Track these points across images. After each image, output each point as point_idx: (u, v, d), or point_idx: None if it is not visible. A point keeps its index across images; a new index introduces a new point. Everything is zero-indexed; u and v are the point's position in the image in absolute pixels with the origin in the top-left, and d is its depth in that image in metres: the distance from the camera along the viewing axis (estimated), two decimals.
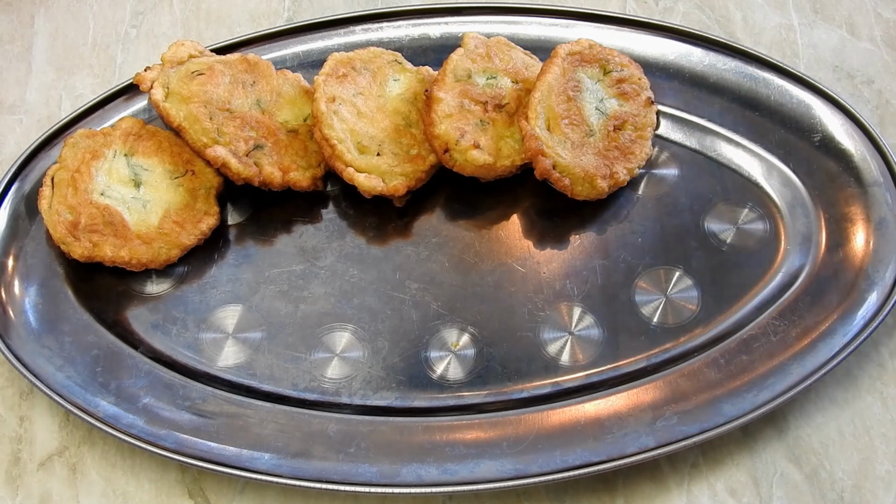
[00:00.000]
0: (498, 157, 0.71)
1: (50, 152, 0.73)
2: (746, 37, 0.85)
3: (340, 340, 0.67)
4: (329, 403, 0.64)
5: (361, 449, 0.61)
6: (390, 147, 0.72)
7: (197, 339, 0.67)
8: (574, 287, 0.69)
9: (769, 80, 0.77)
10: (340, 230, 0.73)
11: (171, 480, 0.62)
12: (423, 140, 0.72)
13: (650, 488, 0.61)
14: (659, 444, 0.60)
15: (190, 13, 0.89)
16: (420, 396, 0.64)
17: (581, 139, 0.71)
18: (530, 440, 0.61)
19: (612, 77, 0.73)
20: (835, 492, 0.61)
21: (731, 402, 0.62)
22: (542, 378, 0.65)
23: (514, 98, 0.73)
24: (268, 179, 0.71)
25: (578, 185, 0.71)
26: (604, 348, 0.66)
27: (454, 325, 0.67)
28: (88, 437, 0.64)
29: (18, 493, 0.62)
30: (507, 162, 0.71)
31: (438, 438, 0.61)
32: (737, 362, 0.64)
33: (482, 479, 0.59)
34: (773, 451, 0.63)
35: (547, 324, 0.67)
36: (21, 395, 0.66)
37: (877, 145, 0.72)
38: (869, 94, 0.81)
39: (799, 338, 0.64)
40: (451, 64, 0.73)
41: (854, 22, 0.86)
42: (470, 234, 0.72)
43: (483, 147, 0.71)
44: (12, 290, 0.67)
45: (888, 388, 0.65)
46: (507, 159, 0.71)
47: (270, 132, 0.72)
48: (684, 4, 0.89)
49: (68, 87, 0.83)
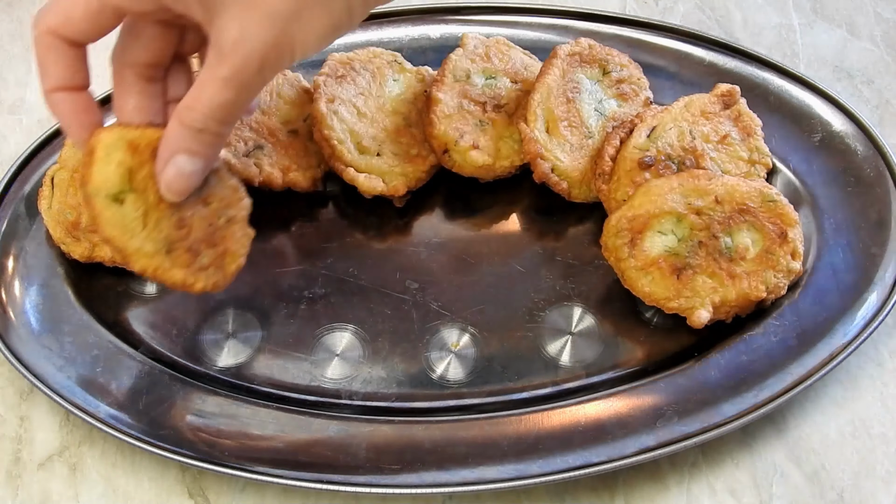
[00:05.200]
0: (497, 157, 0.71)
1: (50, 152, 0.73)
2: (746, 37, 0.86)
3: (340, 340, 0.67)
4: (329, 404, 0.64)
5: (361, 449, 0.61)
6: (390, 147, 0.72)
7: (197, 340, 0.67)
8: (574, 287, 0.69)
9: (769, 80, 0.77)
10: (340, 230, 0.73)
11: (171, 480, 0.62)
12: (423, 140, 0.72)
13: (650, 488, 0.61)
14: (659, 444, 0.60)
15: None
16: (420, 397, 0.64)
17: (580, 142, 0.71)
18: (530, 440, 0.61)
19: (611, 77, 0.74)
20: (835, 492, 0.61)
21: (730, 402, 0.62)
22: (542, 378, 0.65)
23: (513, 98, 0.73)
24: (268, 180, 0.71)
25: (576, 189, 0.71)
26: (604, 348, 0.66)
27: (454, 325, 0.67)
28: (88, 437, 0.64)
29: (18, 493, 0.62)
30: (507, 162, 0.71)
31: (438, 438, 0.61)
32: (737, 362, 0.64)
33: (482, 479, 0.59)
34: (773, 451, 0.63)
35: (547, 324, 0.67)
36: (21, 395, 0.66)
37: (877, 145, 0.72)
38: (869, 94, 0.81)
39: (799, 338, 0.64)
40: (450, 64, 0.73)
41: (854, 22, 0.86)
42: (470, 234, 0.72)
43: (482, 148, 0.71)
44: (12, 291, 0.67)
45: (888, 388, 0.65)
46: (507, 160, 0.71)
47: (270, 132, 0.72)
48: (684, 4, 0.89)
49: None
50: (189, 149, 0.53)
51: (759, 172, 0.70)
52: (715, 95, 0.72)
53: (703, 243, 0.64)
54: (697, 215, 0.64)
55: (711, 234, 0.64)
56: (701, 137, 0.69)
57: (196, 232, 0.60)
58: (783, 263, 0.65)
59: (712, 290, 0.64)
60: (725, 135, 0.70)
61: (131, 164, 0.56)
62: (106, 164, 0.56)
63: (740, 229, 0.65)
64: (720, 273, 0.64)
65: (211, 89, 0.50)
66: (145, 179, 0.56)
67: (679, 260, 0.64)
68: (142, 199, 0.57)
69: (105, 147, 0.56)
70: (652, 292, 0.64)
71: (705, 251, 0.64)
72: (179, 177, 0.54)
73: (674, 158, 0.68)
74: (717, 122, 0.70)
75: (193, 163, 0.54)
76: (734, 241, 0.65)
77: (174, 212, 0.58)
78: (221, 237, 0.61)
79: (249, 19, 0.49)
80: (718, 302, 0.64)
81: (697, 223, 0.64)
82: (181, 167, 0.54)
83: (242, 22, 0.49)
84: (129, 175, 0.56)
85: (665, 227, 0.65)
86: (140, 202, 0.57)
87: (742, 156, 0.70)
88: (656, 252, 0.64)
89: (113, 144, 0.56)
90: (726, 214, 0.65)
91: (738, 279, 0.64)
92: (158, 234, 0.58)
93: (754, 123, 0.71)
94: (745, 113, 0.71)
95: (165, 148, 0.54)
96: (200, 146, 0.53)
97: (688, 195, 0.65)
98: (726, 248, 0.64)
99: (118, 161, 0.56)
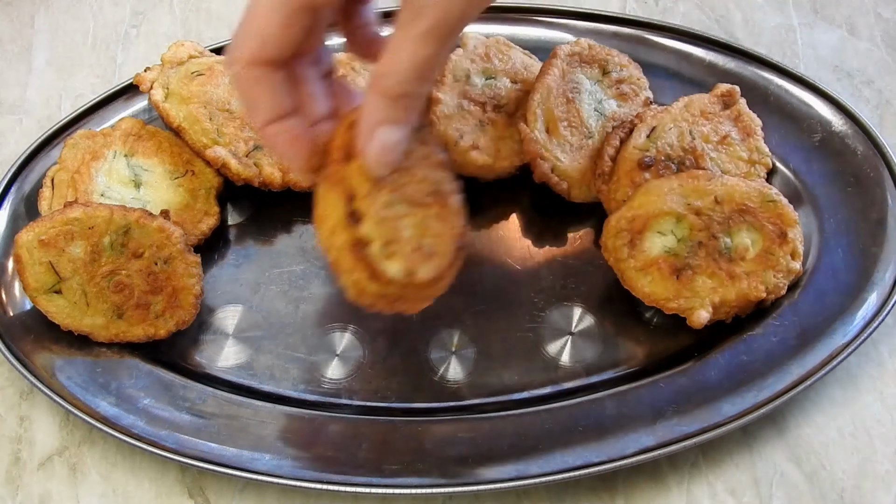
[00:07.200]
0: (497, 157, 0.71)
1: (50, 152, 0.73)
2: (746, 37, 0.85)
3: (340, 340, 0.67)
4: (329, 404, 0.64)
5: (361, 449, 0.61)
6: None
7: (197, 340, 0.67)
8: (574, 287, 0.69)
9: (769, 80, 0.77)
10: None
11: (171, 480, 0.62)
12: None
13: (650, 488, 0.61)
14: (659, 444, 0.60)
15: (190, 13, 0.89)
16: (420, 397, 0.64)
17: (580, 142, 0.71)
18: (530, 440, 0.61)
19: (611, 77, 0.73)
20: (835, 492, 0.61)
21: (731, 402, 0.62)
22: (542, 378, 0.65)
23: (513, 99, 0.73)
24: (268, 180, 0.71)
25: (576, 189, 0.71)
26: (604, 348, 0.66)
27: (454, 325, 0.67)
28: (88, 437, 0.64)
29: (18, 493, 0.62)
30: (507, 163, 0.71)
31: (438, 438, 0.61)
32: (737, 362, 0.64)
33: (482, 479, 0.59)
34: (773, 451, 0.63)
35: (547, 324, 0.67)
36: (21, 395, 0.66)
37: (877, 145, 0.72)
38: (869, 94, 0.81)
39: (799, 338, 0.64)
40: (450, 64, 0.73)
41: (854, 22, 0.86)
42: (470, 234, 0.72)
43: (482, 148, 0.71)
44: (12, 291, 0.67)
45: (888, 388, 0.65)
46: (506, 160, 0.71)
47: None
48: (684, 4, 0.89)
49: (68, 87, 0.83)
50: (390, 117, 0.49)
51: (758, 172, 0.70)
52: (715, 95, 0.72)
53: (703, 244, 0.64)
54: (697, 215, 0.64)
55: (711, 234, 0.64)
56: (701, 137, 0.69)
57: (138, 287, 0.64)
58: (783, 263, 0.65)
59: (712, 290, 0.64)
60: (725, 135, 0.70)
61: (50, 258, 0.62)
62: (32, 266, 0.62)
63: (740, 229, 0.65)
64: (720, 273, 0.64)
65: (409, 48, 0.46)
66: (68, 263, 0.63)
67: (679, 260, 0.64)
68: (75, 282, 0.63)
69: (27, 250, 0.62)
70: (652, 293, 0.64)
71: (705, 251, 0.64)
72: (386, 150, 0.50)
73: (674, 159, 0.68)
74: (717, 122, 0.70)
75: (398, 131, 0.49)
76: (734, 241, 0.65)
77: (109, 279, 0.63)
78: (165, 279, 0.65)
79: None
80: (718, 302, 0.64)
81: (697, 223, 0.64)
82: (385, 140, 0.49)
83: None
84: (53, 268, 0.62)
85: (665, 227, 0.64)
86: (75, 286, 0.63)
87: (742, 156, 0.70)
88: (656, 252, 0.64)
89: (31, 243, 0.62)
90: (726, 215, 0.65)
91: (737, 279, 0.64)
92: (104, 304, 0.64)
93: (754, 123, 0.71)
94: (745, 113, 0.71)
95: (367, 121, 0.49)
96: (403, 111, 0.49)
97: (687, 195, 0.65)
98: (726, 248, 0.64)
99: (39, 260, 0.62)
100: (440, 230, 0.55)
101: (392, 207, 0.52)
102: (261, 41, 0.48)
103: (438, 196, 0.55)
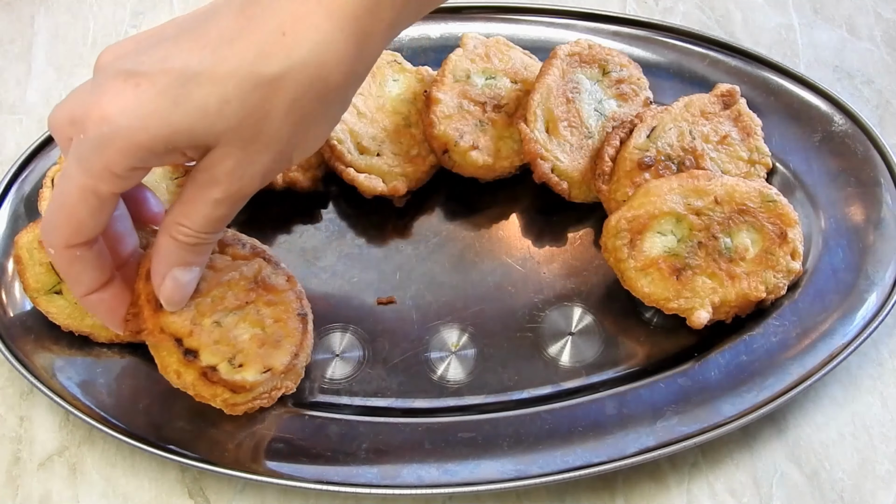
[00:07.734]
0: (497, 157, 0.71)
1: (50, 152, 0.73)
2: (746, 37, 0.85)
3: (340, 340, 0.67)
4: (329, 404, 0.64)
5: (361, 450, 0.61)
6: (390, 147, 0.72)
7: None
8: (574, 287, 0.69)
9: (769, 80, 0.77)
10: (340, 230, 0.73)
11: (171, 480, 0.62)
12: (423, 140, 0.72)
13: (650, 488, 0.61)
14: (659, 444, 0.60)
15: None
16: (420, 397, 0.64)
17: (580, 142, 0.71)
18: (530, 440, 0.61)
19: (611, 77, 0.73)
20: (835, 492, 0.61)
21: (730, 402, 0.62)
22: (542, 378, 0.65)
23: (513, 99, 0.73)
24: None
25: (576, 189, 0.71)
26: (604, 349, 0.66)
27: (454, 325, 0.67)
28: (88, 437, 0.64)
29: (18, 493, 0.62)
30: (506, 163, 0.71)
31: (439, 439, 0.61)
32: (737, 362, 0.64)
33: (482, 479, 0.59)
34: (773, 451, 0.63)
35: (547, 324, 0.67)
36: (21, 395, 0.66)
37: (877, 145, 0.72)
38: (869, 94, 0.81)
39: (799, 338, 0.64)
40: (449, 64, 0.73)
41: (854, 22, 0.86)
42: (470, 234, 0.72)
43: (482, 148, 0.71)
44: (12, 291, 0.67)
45: (888, 388, 0.65)
46: (506, 160, 0.71)
47: None
48: (684, 4, 0.89)
49: (68, 87, 0.83)
50: (184, 261, 0.55)
51: (758, 172, 0.70)
52: (715, 95, 0.72)
53: (703, 244, 0.64)
54: (697, 216, 0.64)
55: (711, 234, 0.64)
56: (701, 137, 0.69)
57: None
58: (783, 263, 0.65)
59: (712, 290, 0.64)
60: (725, 135, 0.70)
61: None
62: (33, 267, 0.63)
63: (740, 230, 0.65)
64: (720, 273, 0.64)
65: (204, 208, 0.51)
66: None
67: (679, 260, 0.64)
68: None
69: (27, 250, 0.63)
70: (651, 293, 0.64)
71: (705, 252, 0.64)
72: (178, 288, 0.56)
73: (673, 159, 0.68)
74: (716, 122, 0.70)
75: (190, 272, 0.56)
76: (734, 241, 0.65)
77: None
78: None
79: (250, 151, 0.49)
80: (718, 302, 0.64)
81: (697, 224, 0.64)
82: (178, 279, 0.55)
83: (240, 155, 0.49)
84: (54, 269, 0.62)
85: (665, 227, 0.64)
86: None
87: (742, 156, 0.70)
88: (656, 253, 0.64)
89: (31, 244, 0.63)
90: (726, 215, 0.65)
91: (737, 279, 0.64)
92: None
93: (754, 123, 0.71)
94: (745, 113, 0.71)
95: (160, 263, 0.54)
96: (195, 256, 0.55)
97: (687, 195, 0.65)
98: (726, 248, 0.64)
99: (39, 260, 0.62)
100: (276, 313, 0.60)
101: (220, 325, 0.58)
102: (75, 228, 0.52)
103: (260, 284, 0.60)
